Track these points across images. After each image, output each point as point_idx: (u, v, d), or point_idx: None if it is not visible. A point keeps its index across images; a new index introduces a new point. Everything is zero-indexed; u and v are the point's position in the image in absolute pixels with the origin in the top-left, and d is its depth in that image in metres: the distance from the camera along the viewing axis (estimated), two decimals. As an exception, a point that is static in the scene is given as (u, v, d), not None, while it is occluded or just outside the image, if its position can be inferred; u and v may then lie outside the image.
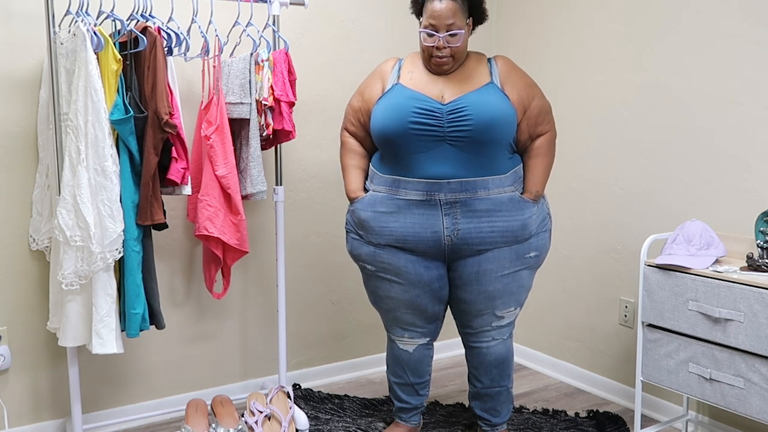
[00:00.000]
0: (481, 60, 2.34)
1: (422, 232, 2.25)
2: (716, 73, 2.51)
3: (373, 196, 2.32)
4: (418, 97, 2.22)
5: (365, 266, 2.40)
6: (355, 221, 2.37)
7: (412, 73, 2.30)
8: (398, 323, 2.45)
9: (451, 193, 2.21)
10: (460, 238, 2.25)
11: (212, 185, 2.45)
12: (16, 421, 2.58)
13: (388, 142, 2.25)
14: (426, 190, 2.22)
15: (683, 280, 2.22)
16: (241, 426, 2.56)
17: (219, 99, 2.45)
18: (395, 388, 2.57)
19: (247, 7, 2.59)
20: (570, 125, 3.08)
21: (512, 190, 2.28)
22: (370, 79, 2.38)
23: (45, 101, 2.41)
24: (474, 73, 2.27)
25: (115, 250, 2.22)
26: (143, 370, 2.80)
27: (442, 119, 2.18)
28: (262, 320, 3.04)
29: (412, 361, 2.49)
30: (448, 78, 2.27)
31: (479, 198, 2.22)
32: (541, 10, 3.21)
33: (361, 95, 2.38)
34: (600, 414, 2.81)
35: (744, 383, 2.10)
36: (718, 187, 2.53)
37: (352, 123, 2.40)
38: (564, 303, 3.20)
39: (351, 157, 2.40)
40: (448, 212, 2.23)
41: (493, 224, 2.24)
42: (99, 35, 2.18)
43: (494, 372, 2.45)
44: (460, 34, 2.21)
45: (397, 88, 2.27)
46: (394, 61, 2.39)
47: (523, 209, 2.28)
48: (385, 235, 2.30)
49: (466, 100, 2.19)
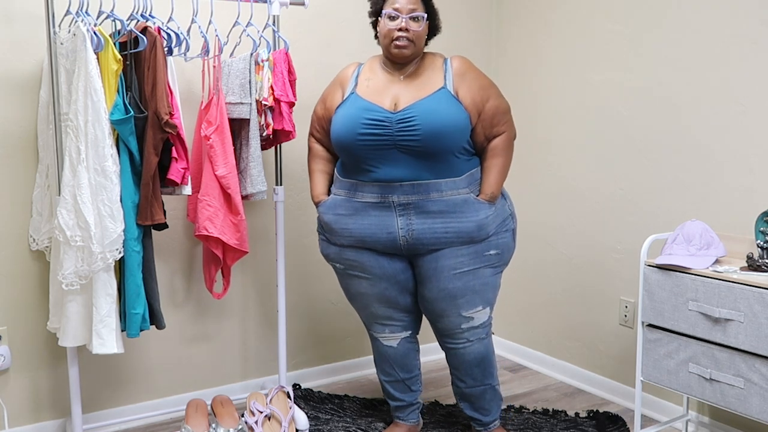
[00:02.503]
0: (436, 61, 2.36)
1: (378, 232, 2.32)
2: (716, 73, 2.51)
3: (334, 199, 2.40)
4: (369, 108, 2.27)
5: (335, 265, 2.49)
6: (321, 224, 2.46)
7: (369, 80, 2.35)
8: (375, 319, 2.51)
9: (404, 195, 2.27)
10: (415, 238, 2.30)
11: (212, 185, 2.45)
12: (16, 421, 2.58)
13: (343, 150, 2.33)
14: (380, 193, 2.29)
15: (683, 280, 2.22)
16: (241, 426, 2.56)
17: (219, 99, 2.45)
18: (387, 387, 2.60)
19: (247, 7, 2.59)
20: (570, 125, 3.08)
21: (467, 192, 2.30)
22: (332, 87, 2.45)
23: (45, 101, 2.41)
24: (428, 77, 2.31)
25: (115, 250, 2.22)
26: (143, 370, 2.81)
27: (391, 128, 2.23)
28: (262, 320, 3.04)
29: (398, 356, 2.53)
30: (404, 82, 2.31)
31: (432, 200, 2.27)
32: (541, 9, 3.21)
33: (324, 103, 2.45)
34: (600, 414, 2.81)
35: (744, 383, 2.10)
36: (718, 187, 2.53)
37: (317, 130, 2.48)
38: (564, 303, 3.20)
39: (316, 162, 2.49)
40: (402, 213, 2.29)
41: (446, 225, 2.28)
42: (99, 35, 2.18)
43: (476, 371, 2.47)
44: (421, 17, 2.28)
45: (352, 98, 2.34)
46: (354, 66, 2.44)
47: (478, 210, 2.30)
48: (345, 236, 2.38)
49: (415, 109, 2.23)
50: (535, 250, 3.32)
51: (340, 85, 2.42)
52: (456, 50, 3.22)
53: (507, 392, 3.10)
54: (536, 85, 3.26)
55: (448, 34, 3.20)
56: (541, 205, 3.28)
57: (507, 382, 3.23)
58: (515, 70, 3.38)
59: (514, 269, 3.43)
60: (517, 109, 3.30)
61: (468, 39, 3.41)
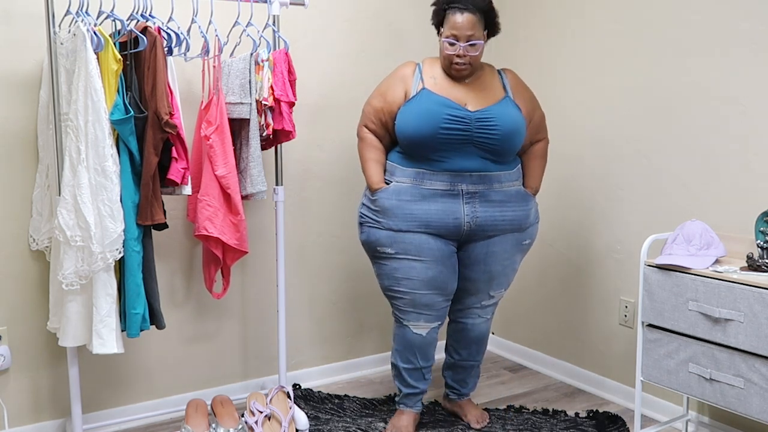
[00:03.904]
0: (492, 72, 2.59)
1: (445, 218, 2.47)
2: (716, 72, 2.51)
3: (398, 186, 2.49)
4: (448, 104, 2.42)
5: (384, 250, 2.52)
6: (377, 209, 2.51)
7: (435, 79, 2.49)
8: (415, 306, 2.55)
9: (472, 185, 2.47)
10: (478, 225, 2.49)
11: (212, 185, 2.45)
12: (16, 421, 2.58)
13: (417, 144, 2.44)
14: (450, 182, 2.46)
15: (683, 280, 2.22)
16: (241, 426, 2.56)
17: (219, 99, 2.45)
18: (405, 375, 2.66)
19: (247, 7, 2.59)
20: (570, 125, 3.08)
21: (518, 184, 2.57)
22: (392, 82, 2.54)
23: (45, 101, 2.41)
24: (489, 85, 2.53)
25: (115, 250, 2.22)
26: (143, 370, 2.81)
27: (470, 125, 2.41)
28: (262, 320, 3.04)
29: (424, 345, 2.61)
30: (468, 86, 2.50)
31: (495, 190, 2.50)
32: (545, 11, 3.21)
33: (383, 96, 2.53)
34: (600, 414, 2.81)
35: (744, 383, 2.10)
36: (718, 187, 2.53)
37: (373, 121, 2.56)
38: (564, 303, 3.20)
39: (371, 152, 2.57)
40: (468, 201, 2.47)
41: (504, 213, 2.52)
42: (99, 35, 2.18)
43: (473, 347, 2.73)
44: (478, 44, 2.43)
45: (425, 93, 2.45)
46: (413, 65, 2.54)
47: (528, 201, 2.58)
48: (408, 221, 2.47)
49: (492, 111, 2.44)
50: (535, 250, 3.31)
51: (401, 81, 2.51)
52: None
53: (507, 392, 3.10)
54: (536, 85, 3.25)
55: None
56: (541, 205, 3.27)
57: (507, 382, 3.23)
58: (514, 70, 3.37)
59: (514, 269, 3.43)
60: (517, 109, 3.30)
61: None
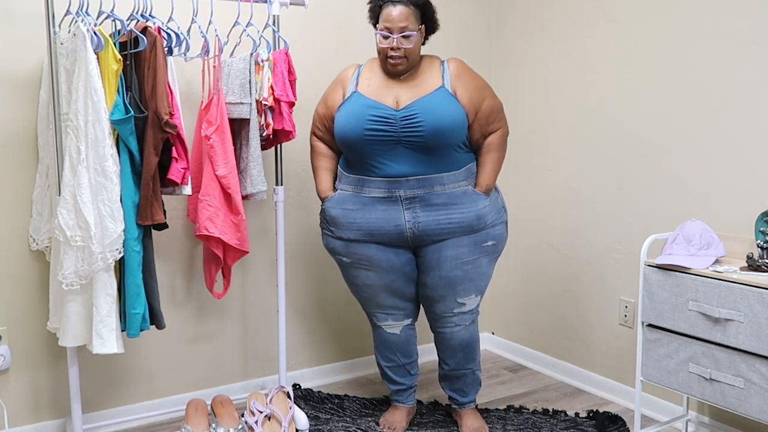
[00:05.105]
0: (434, 63, 2.49)
1: (386, 225, 2.44)
2: (716, 72, 2.51)
3: (341, 194, 2.50)
4: (374, 105, 2.39)
5: (341, 258, 2.57)
6: (327, 218, 2.54)
7: (370, 80, 2.47)
8: (380, 308, 2.60)
9: (410, 190, 2.41)
10: (421, 230, 2.44)
11: (212, 185, 2.45)
12: (16, 421, 2.58)
13: (349, 147, 2.44)
14: (387, 188, 2.42)
15: (683, 280, 2.22)
16: (241, 426, 2.56)
17: (219, 99, 2.45)
18: (388, 372, 2.70)
19: (247, 7, 2.59)
20: (570, 125, 3.08)
21: (466, 185, 2.46)
22: (332, 87, 2.56)
23: (45, 101, 2.41)
24: (427, 77, 2.44)
25: (115, 250, 2.22)
26: (143, 370, 2.81)
27: (395, 125, 2.36)
28: (262, 320, 3.04)
29: (400, 343, 2.65)
30: (403, 82, 2.44)
31: (436, 193, 2.42)
32: (540, 8, 3.21)
33: (325, 102, 2.55)
34: (600, 414, 2.81)
35: (744, 383, 2.10)
36: (718, 187, 2.53)
37: (319, 128, 2.58)
38: (564, 303, 3.20)
39: (320, 160, 2.58)
40: (408, 207, 2.42)
41: (449, 216, 2.43)
42: (99, 35, 2.17)
43: (459, 355, 2.63)
44: (412, 35, 2.38)
45: (355, 96, 2.45)
46: (354, 68, 2.55)
47: (476, 201, 2.45)
48: (353, 230, 2.48)
49: (417, 107, 2.36)
50: (535, 250, 3.32)
51: (340, 85, 2.53)
52: (455, 49, 3.22)
53: (507, 392, 3.10)
54: (536, 85, 3.26)
55: (448, 33, 3.20)
56: (541, 205, 3.28)
57: (507, 382, 3.23)
58: (515, 70, 3.38)
59: (515, 269, 3.44)
60: (517, 109, 3.30)
61: (467, 38, 3.41)
